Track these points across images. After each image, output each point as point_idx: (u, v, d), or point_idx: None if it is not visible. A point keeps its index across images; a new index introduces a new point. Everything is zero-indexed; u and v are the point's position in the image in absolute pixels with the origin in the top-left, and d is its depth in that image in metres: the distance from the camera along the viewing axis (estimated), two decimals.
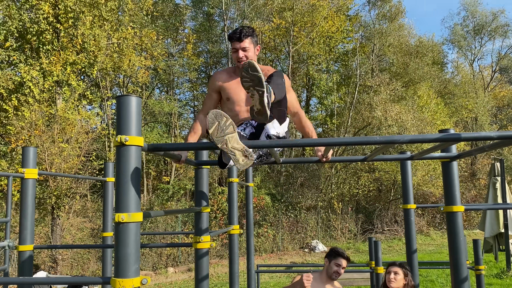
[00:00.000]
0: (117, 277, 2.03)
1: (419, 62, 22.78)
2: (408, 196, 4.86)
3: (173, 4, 23.97)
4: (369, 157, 3.22)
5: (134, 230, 2.08)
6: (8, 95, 13.51)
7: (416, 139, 2.26)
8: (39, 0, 14.10)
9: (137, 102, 2.19)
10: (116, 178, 2.14)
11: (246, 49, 2.84)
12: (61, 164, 12.99)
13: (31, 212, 3.80)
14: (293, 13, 20.55)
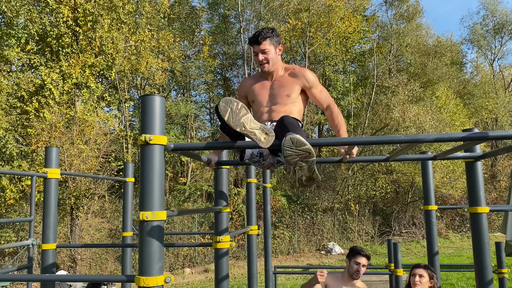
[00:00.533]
0: (141, 275, 2.04)
1: (437, 62, 22.46)
2: (429, 197, 4.79)
3: (189, 7, 24.14)
4: (391, 157, 3.18)
5: (158, 228, 2.09)
6: (29, 97, 13.78)
7: (442, 138, 2.22)
8: (59, 4, 14.36)
9: (160, 101, 2.21)
10: (140, 177, 2.16)
11: (265, 51, 2.81)
12: (80, 165, 13.18)
13: (54, 211, 3.85)
14: (309, 14, 20.48)
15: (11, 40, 13.66)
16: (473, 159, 3.29)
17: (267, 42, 2.82)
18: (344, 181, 20.65)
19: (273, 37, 2.85)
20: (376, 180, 20.85)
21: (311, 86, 2.83)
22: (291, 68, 2.88)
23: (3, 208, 13.01)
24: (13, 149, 12.85)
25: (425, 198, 4.78)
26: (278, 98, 2.82)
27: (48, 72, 13.80)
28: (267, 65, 2.83)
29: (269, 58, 2.82)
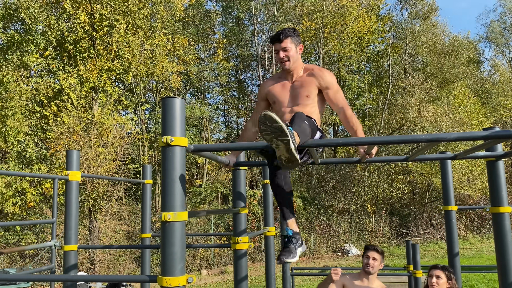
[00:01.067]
0: (163, 276, 2.07)
1: (454, 61, 22.14)
2: (448, 197, 4.72)
3: (203, 10, 24.29)
4: (410, 157, 3.15)
5: (180, 228, 2.11)
6: (48, 102, 14.03)
7: (463, 136, 2.19)
8: (76, 10, 14.61)
9: (181, 103, 2.23)
10: (162, 178, 2.19)
11: (286, 49, 2.85)
12: (98, 168, 13.37)
13: (75, 213, 3.92)
14: (323, 15, 20.41)
15: (30, 46, 13.94)
16: (494, 158, 3.25)
17: (289, 40, 2.85)
18: (360, 182, 20.49)
19: (294, 36, 2.88)
20: (393, 181, 20.63)
21: (327, 86, 2.84)
22: (310, 69, 2.91)
23: (24, 211, 13.27)
24: (32, 152, 13.10)
25: (445, 198, 4.72)
26: (299, 99, 2.84)
27: (66, 76, 14.04)
28: (287, 62, 2.86)
29: (290, 56, 2.85)
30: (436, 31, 23.45)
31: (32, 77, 15.08)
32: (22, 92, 13.14)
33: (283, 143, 2.09)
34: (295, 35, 2.88)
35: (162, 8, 17.39)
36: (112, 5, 14.95)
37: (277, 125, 2.04)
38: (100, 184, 13.74)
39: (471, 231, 21.23)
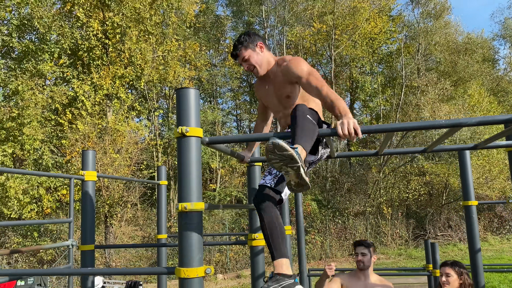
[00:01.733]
0: (181, 267, 2.04)
1: (468, 59, 21.85)
2: (468, 192, 4.60)
3: (214, 16, 24.45)
4: (429, 147, 3.08)
5: (197, 219, 2.09)
6: (63, 109, 14.22)
7: (484, 121, 2.12)
8: (89, 18, 14.81)
9: (195, 94, 2.22)
10: (178, 169, 2.17)
11: (246, 59, 2.68)
12: (113, 174, 13.46)
13: (91, 213, 3.93)
14: (334, 17, 20.36)
15: (45, 55, 14.16)
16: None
17: (242, 50, 2.69)
18: (376, 184, 20.28)
19: (244, 41, 2.69)
20: (409, 182, 20.38)
21: (296, 78, 2.52)
22: (281, 63, 2.67)
23: (41, 217, 13.42)
24: (48, 160, 13.27)
25: (464, 193, 4.60)
26: (284, 102, 2.71)
27: (80, 84, 14.22)
28: (255, 70, 2.71)
29: (253, 63, 2.69)
30: (449, 30, 23.21)
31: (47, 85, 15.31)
32: (38, 101, 13.34)
33: (293, 169, 2.06)
34: (246, 39, 2.68)
35: (173, 14, 17.54)
36: (124, 13, 15.13)
37: (286, 153, 2.01)
38: (115, 189, 13.84)
39: (491, 232, 20.82)
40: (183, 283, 2.03)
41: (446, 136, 2.55)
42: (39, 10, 13.71)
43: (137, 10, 15.53)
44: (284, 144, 2.00)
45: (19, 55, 14.67)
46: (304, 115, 2.29)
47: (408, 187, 20.32)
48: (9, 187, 11.94)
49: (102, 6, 15.10)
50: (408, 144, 20.13)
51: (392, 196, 20.25)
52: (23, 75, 13.58)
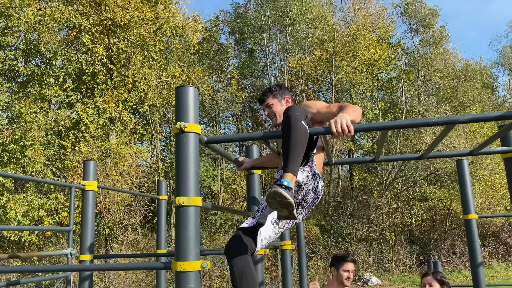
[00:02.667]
0: (178, 260, 2.06)
1: (467, 85, 22.08)
2: (468, 205, 4.60)
3: (217, 44, 24.94)
4: (425, 153, 3.13)
5: (194, 213, 2.12)
6: (66, 132, 14.36)
7: (477, 117, 2.19)
8: (94, 44, 15.15)
9: (194, 92, 2.29)
10: (176, 164, 2.21)
11: (270, 106, 2.93)
12: (114, 196, 13.45)
13: (91, 222, 3.95)
14: (334, 44, 20.74)
15: (50, 79, 14.42)
16: (511, 154, 3.20)
17: (270, 97, 2.93)
18: (378, 209, 20.14)
19: (276, 91, 2.95)
20: (411, 208, 20.22)
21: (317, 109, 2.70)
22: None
23: (41, 240, 13.33)
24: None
25: (464, 206, 4.60)
26: None
27: (84, 108, 14.41)
28: (274, 118, 2.94)
29: (274, 111, 2.91)
30: (448, 57, 23.55)
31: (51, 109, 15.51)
32: (40, 124, 13.49)
33: (288, 210, 2.20)
34: (276, 90, 2.95)
35: (177, 41, 17.93)
36: (129, 39, 15.48)
37: (286, 201, 2.14)
38: (117, 212, 13.80)
39: (496, 259, 20.48)
40: (180, 277, 2.04)
41: (441, 137, 2.60)
42: (45, 35, 14.06)
43: (142, 37, 15.90)
44: (284, 193, 2.13)
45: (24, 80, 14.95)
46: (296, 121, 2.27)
47: (411, 212, 20.15)
48: (10, 209, 11.93)
49: (108, 33, 15.47)
50: (410, 169, 20.10)
51: (395, 222, 20.06)
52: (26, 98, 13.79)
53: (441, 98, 21.84)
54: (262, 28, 21.94)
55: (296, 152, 2.25)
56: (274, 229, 2.53)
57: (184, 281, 2.03)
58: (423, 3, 22.61)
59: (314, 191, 2.58)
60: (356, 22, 21.48)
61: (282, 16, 20.91)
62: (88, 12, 15.09)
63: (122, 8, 15.14)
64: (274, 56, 22.98)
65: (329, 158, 3.24)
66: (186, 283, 2.02)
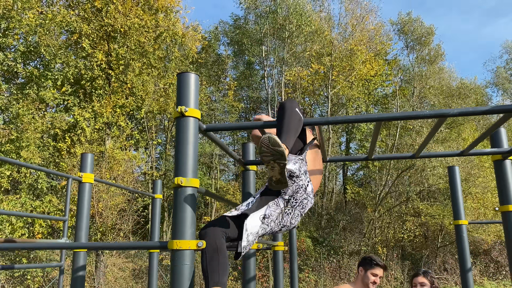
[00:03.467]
0: (174, 239, 2.11)
1: (462, 103, 22.38)
2: (458, 210, 4.69)
3: (215, 54, 25.16)
4: (417, 152, 3.21)
5: (191, 194, 2.18)
6: (62, 135, 14.36)
7: (466, 111, 2.27)
8: (94, 49, 15.26)
9: (195, 78, 2.37)
10: (175, 147, 2.28)
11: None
12: (109, 201, 13.42)
13: (87, 214, 3.98)
14: (332, 58, 21.01)
15: (48, 81, 14.47)
16: (500, 156, 3.29)
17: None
18: (371, 223, 20.17)
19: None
20: (404, 223, 20.27)
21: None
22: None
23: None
24: (44, 184, 13.26)
25: (454, 211, 4.68)
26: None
27: (81, 111, 14.45)
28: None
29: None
30: (443, 75, 23.88)
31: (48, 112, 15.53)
32: (37, 125, 13.50)
33: (279, 166, 2.19)
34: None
35: (176, 50, 18.09)
36: (129, 46, 15.61)
37: (278, 149, 2.14)
38: (109, 217, 13.74)
39: (487, 277, 20.50)
40: (175, 255, 2.09)
41: (433, 131, 2.68)
42: (46, 38, 14.15)
43: (142, 44, 16.03)
44: (278, 140, 2.13)
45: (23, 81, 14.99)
46: (292, 107, 2.40)
47: (403, 228, 20.20)
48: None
49: (108, 38, 15.60)
50: (403, 184, 20.21)
51: (388, 236, 20.08)
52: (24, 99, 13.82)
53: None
54: (260, 40, 22.20)
55: (290, 128, 2.30)
56: (262, 225, 2.40)
57: (180, 259, 2.07)
58: (419, 22, 23.01)
59: (304, 190, 2.53)
60: (354, 37, 21.80)
61: (281, 29, 21.18)
62: (89, 18, 15.24)
63: (123, 15, 15.30)
64: (272, 68, 23.21)
65: (324, 155, 3.32)
66: (181, 261, 2.07)
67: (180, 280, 2.05)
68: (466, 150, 3.12)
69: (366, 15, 22.30)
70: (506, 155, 3.24)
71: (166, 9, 17.34)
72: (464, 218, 4.66)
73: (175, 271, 2.06)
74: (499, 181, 3.31)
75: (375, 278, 3.63)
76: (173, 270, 2.07)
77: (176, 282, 2.05)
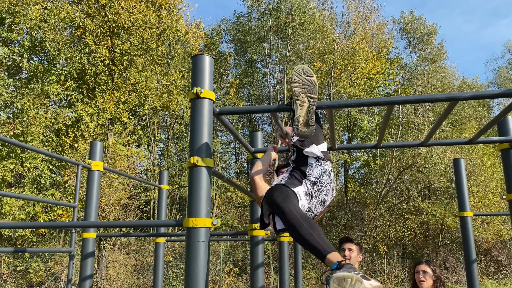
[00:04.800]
0: (190, 217, 2.15)
1: (464, 102, 22.40)
2: (464, 203, 4.72)
3: (217, 52, 25.17)
4: (426, 139, 3.24)
5: (206, 173, 2.22)
6: (65, 130, 14.39)
7: (478, 95, 2.30)
8: (97, 45, 15.29)
9: (210, 61, 2.40)
10: (190, 128, 2.31)
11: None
12: (111, 196, 13.45)
13: (96, 201, 4.02)
14: (334, 56, 21.03)
15: (52, 77, 14.51)
16: (508, 145, 3.32)
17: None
18: (372, 221, 20.20)
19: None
20: (405, 221, 20.30)
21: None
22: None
23: (34, 236, 13.28)
24: (47, 178, 13.29)
25: (460, 203, 4.72)
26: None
27: (84, 107, 14.49)
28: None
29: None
30: (445, 74, 23.90)
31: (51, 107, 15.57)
32: (42, 120, 13.54)
33: (309, 101, 2.10)
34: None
35: (179, 47, 18.10)
36: (132, 42, 15.64)
37: (312, 79, 2.06)
38: (112, 212, 13.77)
39: (487, 276, 20.53)
40: (191, 232, 2.12)
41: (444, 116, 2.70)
42: (51, 33, 14.18)
43: (145, 40, 16.06)
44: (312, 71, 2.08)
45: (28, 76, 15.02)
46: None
47: (404, 226, 20.23)
48: (6, 203, 11.90)
49: (111, 34, 15.63)
50: (405, 182, 20.24)
51: (388, 235, 20.12)
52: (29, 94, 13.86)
53: (438, 113, 22.10)
54: (263, 38, 22.21)
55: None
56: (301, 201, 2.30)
57: (196, 236, 2.11)
58: (422, 20, 23.02)
59: (329, 175, 2.44)
60: (356, 36, 21.81)
61: (284, 26, 21.18)
62: (93, 13, 15.26)
63: (127, 11, 15.32)
64: (274, 66, 23.23)
65: (333, 143, 3.35)
66: (197, 238, 2.11)
67: (196, 257, 2.09)
68: (474, 138, 3.15)
69: (369, 14, 22.31)
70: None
71: (170, 6, 17.37)
72: (469, 210, 4.68)
73: (191, 248, 2.10)
74: (506, 169, 3.35)
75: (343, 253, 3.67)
76: (189, 247, 2.11)
77: (191, 259, 2.09)
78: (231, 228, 17.85)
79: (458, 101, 2.32)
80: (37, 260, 13.41)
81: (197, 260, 2.09)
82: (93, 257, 3.83)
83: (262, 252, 3.62)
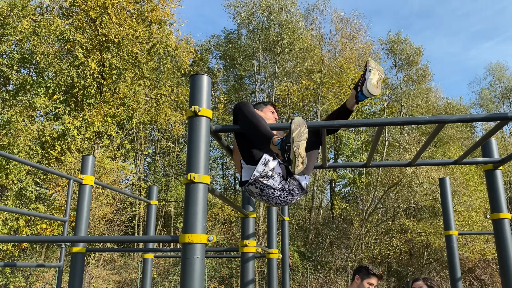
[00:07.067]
0: (186, 233, 2.18)
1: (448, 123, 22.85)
2: (449, 221, 4.82)
3: (206, 68, 25.35)
4: (413, 159, 3.33)
5: (203, 190, 2.26)
6: (52, 143, 14.25)
7: (464, 118, 2.41)
8: (87, 58, 15.28)
9: (208, 80, 2.47)
10: (188, 145, 2.36)
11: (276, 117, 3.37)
12: (96, 211, 13.29)
13: (86, 216, 4.00)
14: (322, 75, 21.35)
15: (40, 89, 14.42)
16: (491, 166, 3.44)
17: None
18: (358, 239, 20.27)
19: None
20: (390, 239, 20.43)
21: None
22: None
23: (15, 251, 12.99)
24: (32, 191, 13.09)
25: (445, 221, 4.82)
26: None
27: (71, 120, 14.39)
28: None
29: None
30: (430, 95, 24.42)
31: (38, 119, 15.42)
32: (28, 132, 13.39)
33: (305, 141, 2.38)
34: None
35: (168, 61, 18.19)
36: (122, 56, 15.67)
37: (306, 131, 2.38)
38: (96, 227, 13.59)
39: None
40: (187, 248, 2.15)
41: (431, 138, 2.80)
42: (41, 46, 14.15)
43: (135, 55, 16.11)
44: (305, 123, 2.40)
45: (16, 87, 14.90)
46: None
47: (389, 244, 20.35)
48: None
49: (101, 48, 15.65)
50: (390, 200, 20.43)
51: (374, 252, 20.19)
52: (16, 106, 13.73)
53: (423, 132, 22.50)
54: (252, 55, 22.47)
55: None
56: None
57: (191, 252, 2.14)
58: (408, 42, 23.59)
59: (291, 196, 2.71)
60: (343, 55, 22.22)
61: (273, 44, 21.48)
62: (83, 27, 15.29)
63: (117, 25, 15.39)
64: (263, 83, 23.46)
65: (324, 161, 3.43)
66: (193, 254, 2.14)
67: (191, 273, 2.11)
68: (460, 159, 3.25)
69: (356, 34, 22.80)
70: (497, 165, 3.39)
71: (160, 22, 17.49)
72: (454, 229, 4.79)
73: (187, 264, 2.13)
74: (490, 189, 3.45)
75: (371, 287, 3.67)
76: (184, 263, 2.14)
77: (187, 275, 2.11)
78: (217, 244, 17.72)
79: (446, 124, 2.41)
80: (17, 276, 13.10)
81: (192, 276, 2.11)
82: (82, 272, 3.80)
83: (253, 269, 3.65)
